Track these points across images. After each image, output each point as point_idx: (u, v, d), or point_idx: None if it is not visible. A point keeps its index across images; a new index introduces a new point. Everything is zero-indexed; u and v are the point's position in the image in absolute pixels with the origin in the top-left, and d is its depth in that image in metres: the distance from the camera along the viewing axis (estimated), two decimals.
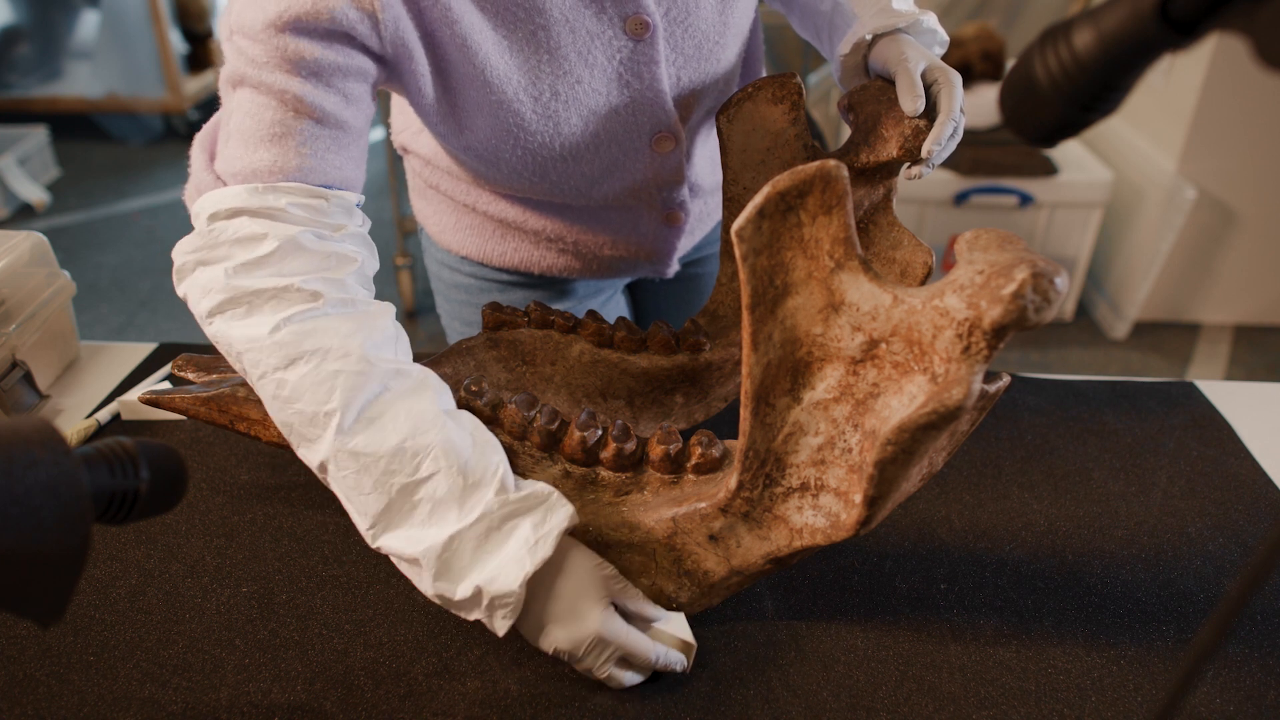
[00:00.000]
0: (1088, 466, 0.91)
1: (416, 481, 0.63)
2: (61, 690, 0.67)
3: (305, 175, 0.66)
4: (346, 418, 0.62)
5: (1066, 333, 2.68)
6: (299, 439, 0.65)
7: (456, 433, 0.65)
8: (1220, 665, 0.70)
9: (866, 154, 0.77)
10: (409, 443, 0.62)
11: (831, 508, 0.62)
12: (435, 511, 0.63)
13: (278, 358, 0.63)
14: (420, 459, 0.62)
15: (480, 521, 0.62)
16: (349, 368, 0.63)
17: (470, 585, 0.62)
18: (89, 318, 2.74)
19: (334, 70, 0.65)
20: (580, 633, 0.63)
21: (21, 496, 0.38)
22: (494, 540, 0.63)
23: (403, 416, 0.63)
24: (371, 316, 0.67)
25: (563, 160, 0.82)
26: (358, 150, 0.70)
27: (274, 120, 0.65)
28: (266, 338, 0.63)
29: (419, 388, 0.65)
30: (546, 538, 0.63)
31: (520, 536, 0.63)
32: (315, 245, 0.66)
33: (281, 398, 0.64)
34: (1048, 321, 0.77)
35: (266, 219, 0.65)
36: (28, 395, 0.96)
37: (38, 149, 3.53)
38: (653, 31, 0.75)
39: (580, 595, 0.64)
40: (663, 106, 0.81)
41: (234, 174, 0.66)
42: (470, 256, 1.01)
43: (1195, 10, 0.38)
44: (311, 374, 0.62)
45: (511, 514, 0.63)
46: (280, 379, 0.63)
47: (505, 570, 0.62)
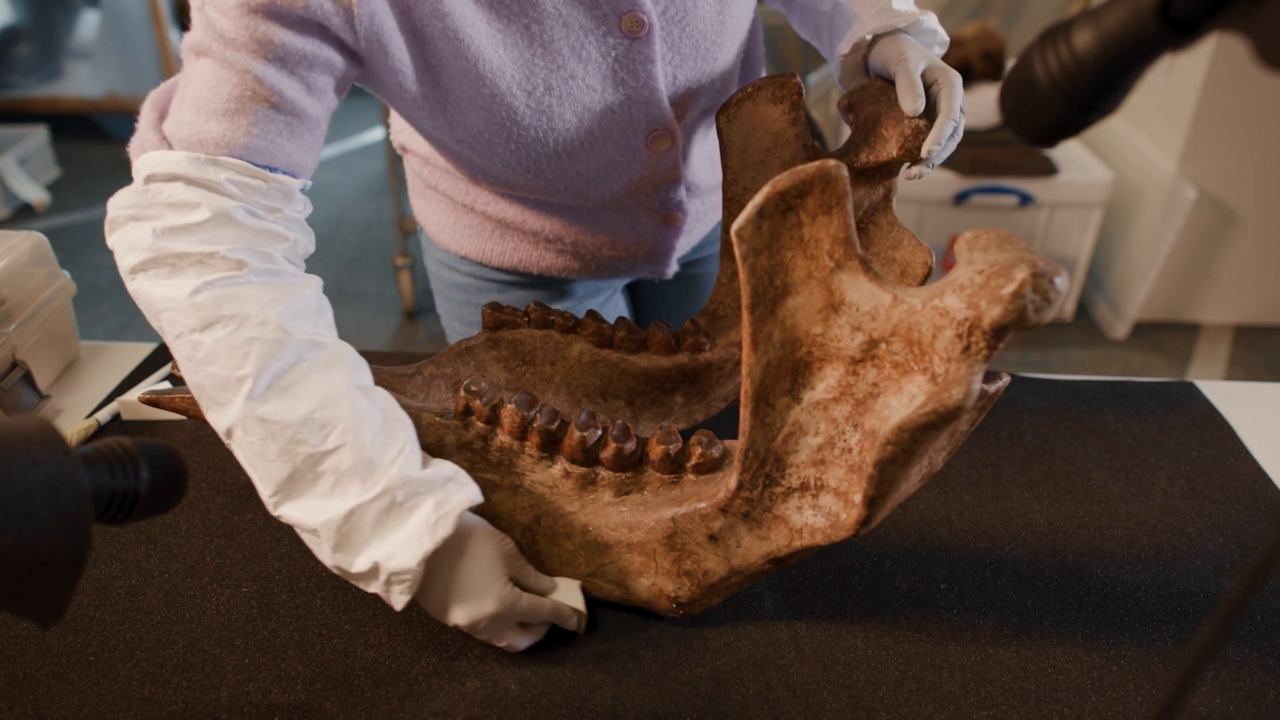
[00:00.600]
0: (1088, 466, 0.91)
1: (322, 453, 0.63)
2: (61, 690, 0.67)
3: (250, 155, 0.66)
4: (258, 384, 0.63)
5: (1066, 333, 2.68)
6: (209, 402, 0.65)
7: (367, 408, 0.65)
8: (1220, 665, 0.70)
9: (866, 154, 0.77)
10: (318, 414, 0.63)
11: (831, 508, 0.62)
12: (338, 484, 0.63)
13: (195, 319, 0.63)
14: (328, 430, 0.63)
15: (382, 497, 0.63)
16: (265, 335, 0.63)
17: (368, 559, 0.63)
18: (89, 318, 2.74)
19: (300, 58, 0.66)
20: (480, 610, 0.66)
21: (21, 496, 0.38)
22: (395, 516, 0.63)
23: (315, 387, 0.64)
24: (294, 288, 0.67)
25: (557, 157, 0.81)
26: (311, 139, 0.71)
27: (230, 95, 0.65)
28: (186, 299, 0.63)
29: (334, 361, 0.66)
30: (447, 517, 0.63)
31: (421, 514, 0.63)
32: (247, 220, 0.66)
33: (195, 359, 0.64)
34: (1048, 321, 0.77)
35: (203, 189, 0.65)
36: (28, 395, 0.96)
37: (38, 149, 3.53)
38: (649, 30, 0.75)
39: (481, 576, 0.66)
40: (658, 105, 0.81)
41: (180, 139, 0.66)
42: (470, 256, 1.01)
43: (1195, 10, 0.38)
44: (227, 339, 0.63)
45: (414, 492, 0.64)
46: (196, 340, 0.64)
47: (404, 547, 0.63)
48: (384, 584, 0.64)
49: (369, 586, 0.65)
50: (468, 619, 0.66)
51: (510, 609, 0.66)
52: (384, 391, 0.69)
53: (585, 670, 0.69)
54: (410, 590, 0.64)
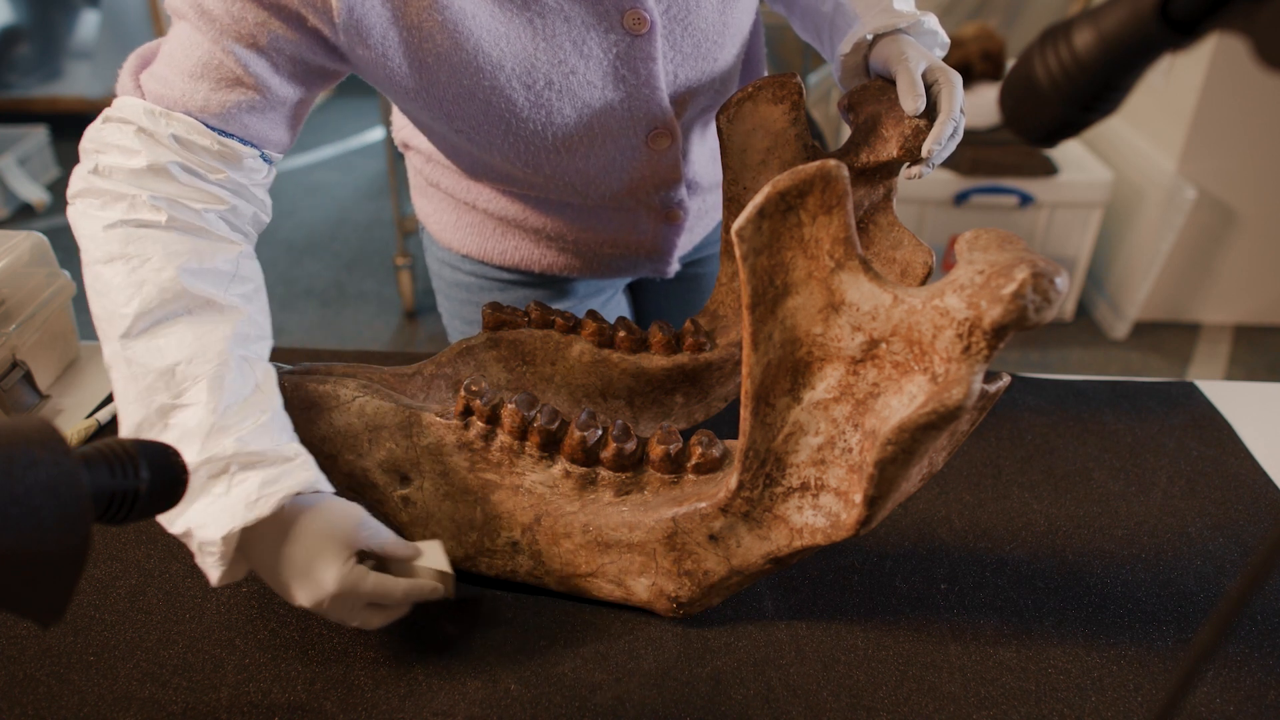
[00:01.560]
0: (1088, 466, 0.91)
1: (174, 406, 0.64)
2: (61, 690, 0.67)
3: (205, 118, 0.69)
4: (136, 325, 0.65)
5: (1066, 333, 2.68)
6: (101, 336, 0.67)
7: (237, 377, 0.65)
8: (1220, 665, 0.70)
9: (866, 154, 0.77)
10: (181, 367, 0.64)
11: (831, 507, 0.62)
12: (181, 441, 0.63)
13: (103, 251, 0.66)
14: (185, 386, 0.64)
15: (213, 462, 0.62)
16: (159, 281, 0.65)
17: (185, 523, 0.62)
18: (89, 318, 2.73)
19: (272, 42, 0.68)
20: (319, 592, 0.63)
21: (21, 496, 0.38)
22: (220, 485, 0.62)
23: (189, 342, 0.65)
24: (210, 247, 0.69)
25: (556, 152, 0.82)
26: (275, 116, 0.73)
27: (199, 61, 0.68)
28: (102, 231, 0.66)
29: (219, 323, 0.66)
30: (269, 498, 0.62)
31: (243, 489, 0.62)
32: (180, 176, 0.68)
33: (95, 290, 0.67)
34: (1048, 321, 0.77)
35: (149, 138, 0.68)
36: (28, 395, 0.96)
37: (38, 149, 3.53)
38: (651, 27, 0.75)
39: (314, 557, 0.63)
40: (659, 103, 0.81)
41: (149, 90, 0.69)
42: (471, 255, 1.01)
43: (1195, 10, 0.38)
44: (124, 275, 0.65)
45: (247, 464, 0.63)
46: (97, 272, 0.66)
47: (216, 519, 0.62)
48: (197, 552, 0.63)
49: (192, 550, 0.64)
50: (309, 600, 0.64)
51: (353, 589, 0.63)
52: (270, 369, 0.69)
53: (585, 670, 0.69)
54: (220, 563, 0.62)
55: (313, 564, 0.63)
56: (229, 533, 0.61)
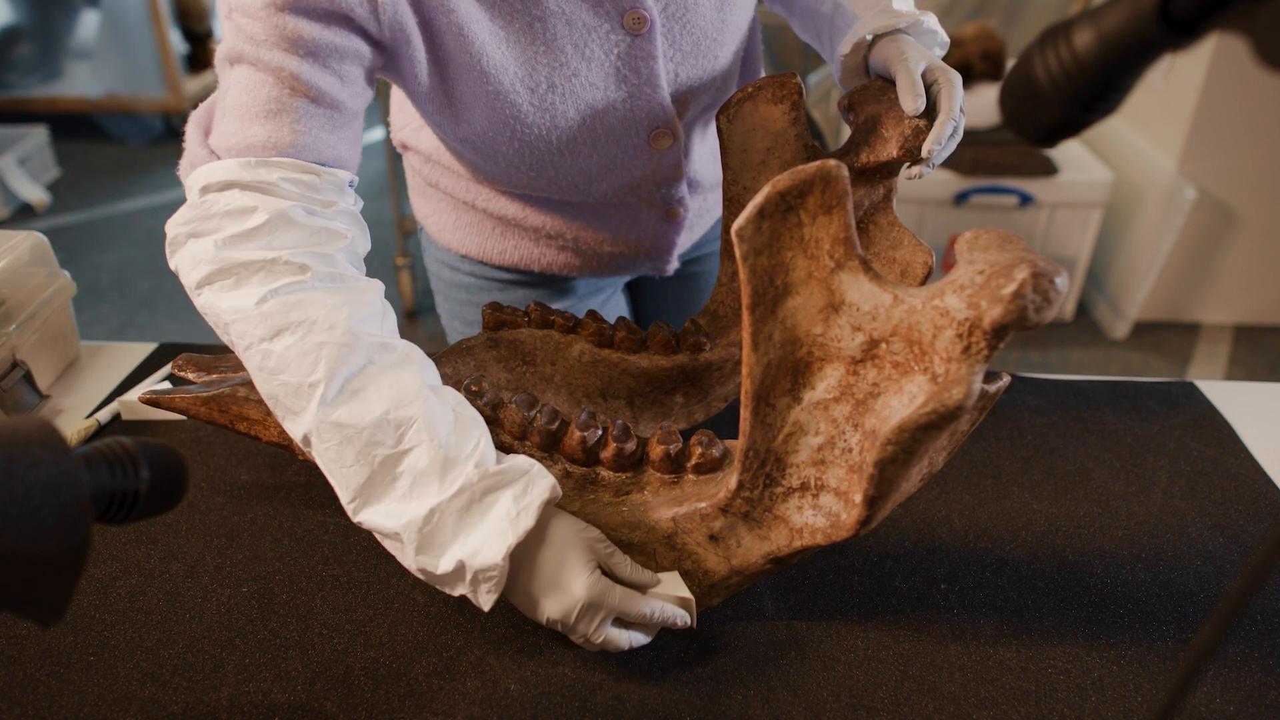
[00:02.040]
0: (1088, 466, 0.91)
1: (398, 454, 0.62)
2: (61, 690, 0.67)
3: (299, 152, 0.67)
4: (330, 389, 0.62)
5: (1066, 333, 2.68)
6: (284, 411, 0.65)
7: (439, 407, 0.64)
8: (1220, 665, 0.70)
9: (866, 154, 0.77)
10: (392, 415, 0.62)
11: (831, 507, 0.62)
12: (416, 485, 0.62)
13: (264, 329, 0.63)
14: (403, 431, 0.62)
15: (461, 494, 0.62)
16: (334, 339, 0.63)
17: (452, 559, 0.62)
18: (89, 318, 2.74)
19: (330, 51, 0.66)
20: (569, 601, 0.63)
21: (21, 496, 0.38)
22: (475, 513, 0.62)
23: (386, 389, 0.63)
24: (359, 292, 0.67)
25: (560, 154, 0.82)
26: (351, 131, 0.71)
27: (270, 97, 0.65)
28: (253, 308, 0.63)
29: (403, 362, 0.65)
30: (528, 509, 0.62)
31: (501, 509, 0.62)
32: (305, 220, 0.66)
33: (267, 369, 0.64)
34: (1048, 321, 0.77)
35: (258, 192, 0.65)
36: (28, 395, 0.96)
37: (38, 149, 3.53)
38: (650, 27, 0.75)
39: (564, 564, 0.63)
40: (660, 102, 0.81)
41: (228, 148, 0.66)
42: (470, 255, 1.01)
43: (1195, 10, 0.38)
44: (297, 345, 0.63)
45: (492, 487, 0.63)
46: (266, 350, 0.63)
47: (488, 543, 0.61)
48: (470, 583, 0.62)
49: (455, 589, 0.64)
50: (560, 611, 0.63)
51: (601, 599, 0.63)
52: (452, 390, 0.68)
53: (585, 670, 0.69)
54: (498, 588, 0.62)
55: (563, 572, 0.63)
56: (506, 552, 0.61)
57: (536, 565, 0.64)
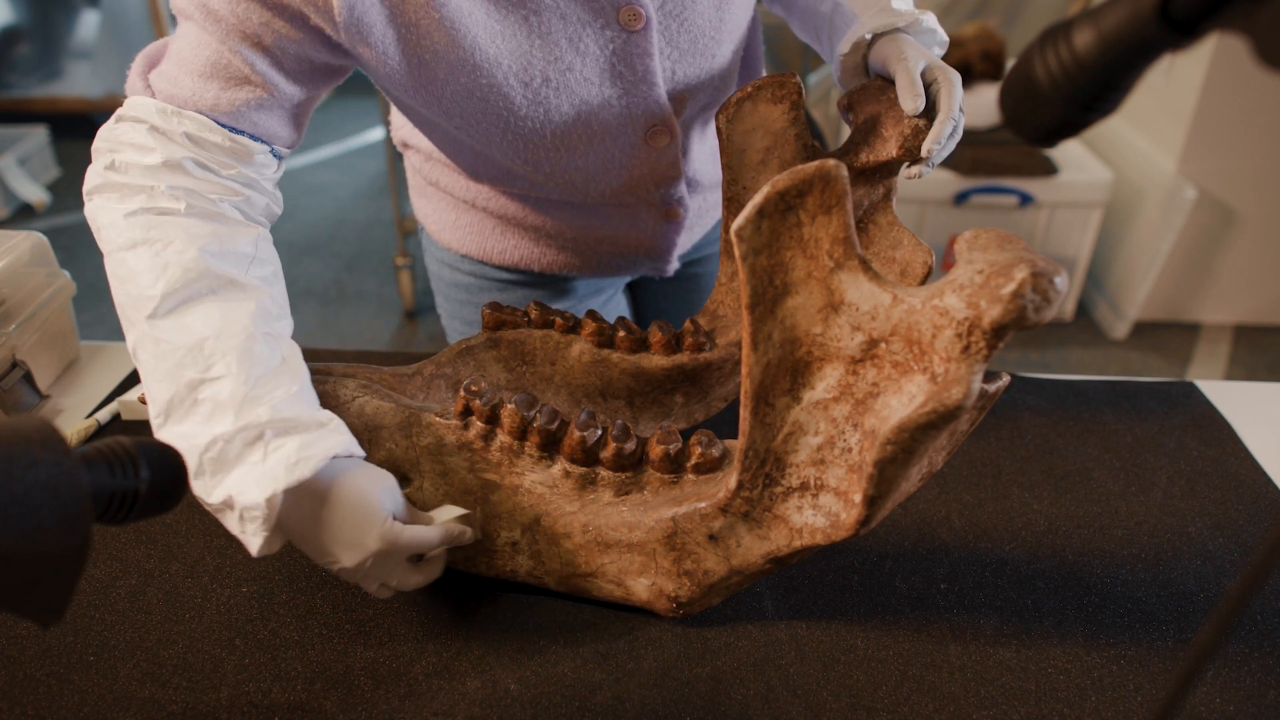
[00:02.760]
0: (1088, 466, 0.91)
1: (204, 380, 0.64)
2: (61, 690, 0.67)
3: (216, 115, 0.70)
4: (163, 305, 0.65)
5: (1066, 333, 2.68)
6: (126, 322, 0.68)
7: (264, 349, 0.66)
8: (1220, 665, 0.70)
9: (866, 154, 0.77)
10: (209, 343, 0.64)
11: (831, 507, 0.62)
12: (214, 413, 0.63)
13: (125, 238, 0.67)
14: (214, 360, 0.64)
15: (248, 430, 0.62)
16: (182, 262, 0.66)
17: (224, 491, 0.62)
18: (89, 318, 2.74)
19: (275, 40, 0.69)
20: (363, 552, 0.64)
21: (21, 496, 0.38)
22: (256, 452, 0.62)
23: (215, 318, 0.65)
24: (231, 231, 0.70)
25: (555, 150, 0.82)
26: (282, 114, 0.74)
27: (207, 60, 0.69)
28: (122, 220, 0.67)
29: (243, 300, 0.67)
30: (308, 460, 0.62)
31: (281, 454, 0.62)
32: (195, 171, 0.70)
33: (118, 276, 0.67)
34: (1047, 321, 0.77)
35: (162, 136, 0.69)
36: (28, 395, 0.96)
37: (38, 149, 3.53)
38: (647, 23, 0.75)
39: (357, 517, 0.64)
40: (656, 100, 0.81)
41: (159, 90, 0.71)
42: (470, 255, 1.01)
43: (1195, 10, 0.38)
44: (147, 259, 0.66)
45: (283, 430, 0.63)
46: (121, 258, 0.67)
47: (257, 483, 0.61)
48: (238, 520, 0.63)
49: (228, 523, 0.64)
50: (353, 561, 0.64)
51: (394, 545, 0.64)
52: (295, 346, 0.70)
53: (585, 670, 0.69)
54: (263, 529, 0.62)
55: (353, 525, 0.64)
56: (272, 495, 0.61)
57: (322, 520, 0.64)
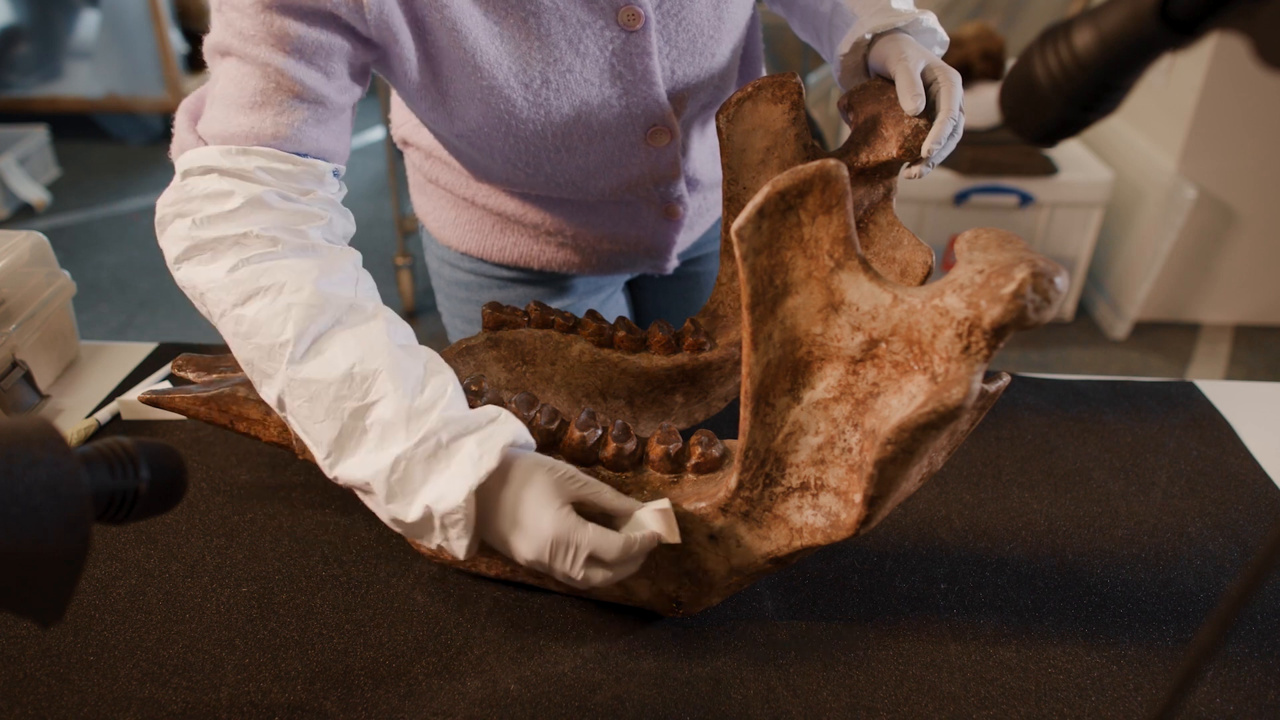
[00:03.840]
0: (1088, 466, 0.91)
1: (365, 406, 0.63)
2: (61, 690, 0.67)
3: (280, 143, 0.69)
4: (299, 348, 0.64)
5: (1066, 333, 2.68)
6: (259, 376, 0.66)
7: (406, 360, 0.66)
8: (1220, 665, 0.70)
9: (866, 153, 0.77)
10: (357, 369, 0.64)
11: (831, 507, 0.62)
12: (385, 436, 0.63)
13: (235, 295, 0.66)
14: (369, 384, 0.64)
15: (426, 441, 0.62)
16: (302, 300, 0.65)
17: (420, 506, 0.62)
18: (89, 318, 2.74)
19: (316, 48, 0.68)
20: (538, 539, 0.62)
21: (21, 496, 0.38)
22: (441, 460, 0.63)
23: (353, 345, 0.65)
24: (332, 259, 0.69)
25: (555, 150, 0.82)
26: (337, 125, 0.73)
27: (255, 90, 0.67)
28: (225, 277, 0.66)
29: (371, 320, 0.67)
30: (491, 451, 0.62)
31: (465, 453, 0.62)
32: (279, 204, 0.69)
33: (240, 334, 0.66)
34: (1048, 321, 0.77)
35: (235, 178, 0.68)
36: (28, 395, 0.96)
37: (38, 149, 3.53)
38: (645, 23, 0.75)
39: (530, 503, 0.63)
40: (656, 99, 0.81)
41: (213, 135, 0.69)
42: (470, 252, 1.01)
43: (1195, 10, 0.38)
44: (267, 308, 0.65)
45: (457, 433, 0.63)
46: (239, 315, 0.66)
47: (452, 486, 0.62)
48: (440, 530, 0.63)
49: (430, 540, 0.64)
50: (533, 551, 0.63)
51: (569, 535, 0.62)
52: (428, 350, 0.69)
53: (585, 670, 0.69)
54: (466, 531, 0.62)
55: (529, 511, 0.63)
56: (468, 495, 0.61)
57: (501, 506, 0.64)
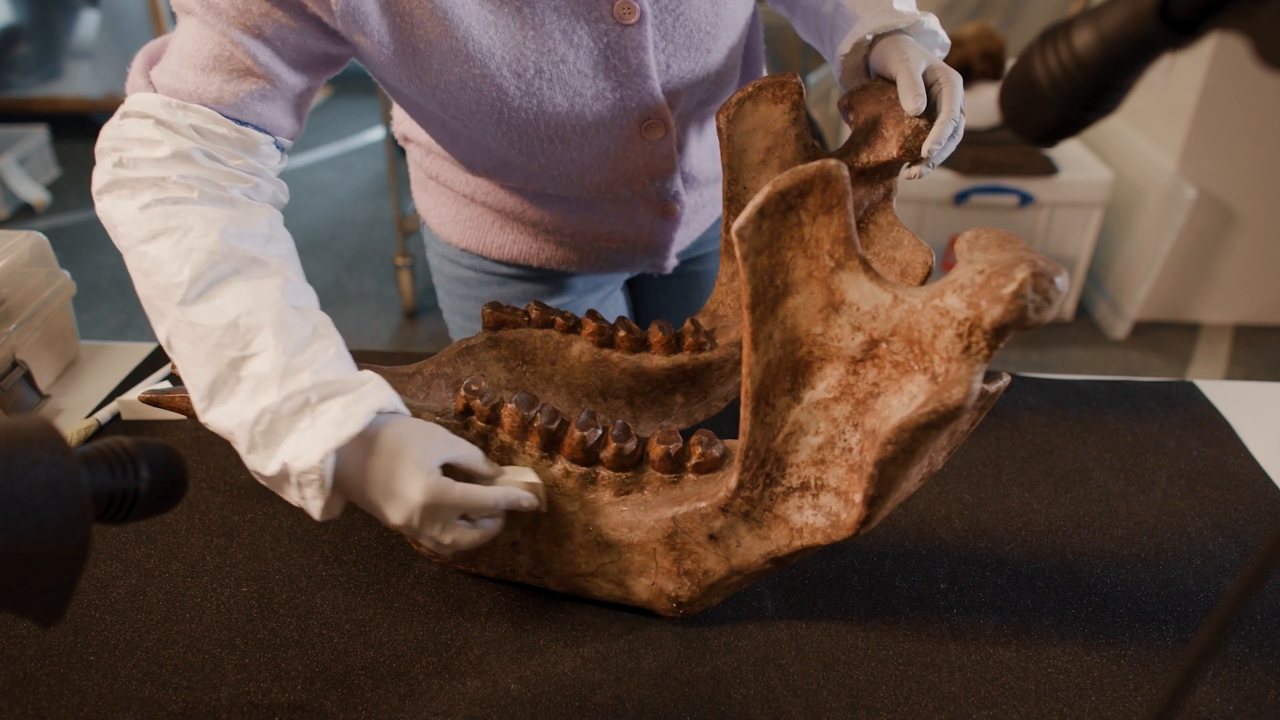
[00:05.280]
0: (1088, 466, 0.91)
1: (243, 357, 0.64)
2: (61, 690, 0.67)
3: (221, 108, 0.71)
4: (192, 290, 0.66)
5: (1066, 333, 2.68)
6: (155, 314, 0.68)
7: (295, 319, 0.67)
8: (1220, 665, 0.70)
9: (867, 154, 0.77)
10: (243, 320, 0.65)
11: (832, 507, 0.62)
12: (257, 388, 0.64)
13: (144, 231, 0.67)
14: (251, 336, 0.65)
15: (293, 399, 0.63)
16: (204, 246, 0.66)
17: (279, 461, 0.63)
18: (89, 318, 2.74)
19: (275, 31, 0.70)
20: (408, 506, 0.63)
21: (21, 496, 0.38)
22: (305, 418, 0.63)
23: (245, 295, 0.66)
24: (245, 212, 0.71)
25: (549, 141, 0.82)
26: (284, 104, 0.74)
27: (209, 54, 0.70)
28: (138, 212, 0.68)
29: (269, 276, 0.68)
30: (354, 417, 0.63)
31: (330, 415, 0.63)
32: (204, 161, 0.70)
33: (142, 270, 0.68)
34: (1048, 321, 0.77)
35: (169, 130, 0.70)
36: (28, 395, 0.96)
37: (38, 149, 3.53)
38: (641, 17, 0.75)
39: (397, 471, 0.64)
40: (650, 93, 0.81)
41: (162, 86, 0.71)
42: (470, 249, 1.01)
43: (1195, 10, 0.38)
44: (170, 248, 0.66)
45: (327, 395, 0.64)
46: (143, 251, 0.67)
47: (310, 446, 0.62)
48: (297, 488, 0.64)
49: (286, 493, 0.65)
50: (400, 516, 0.64)
51: (440, 499, 0.63)
52: (323, 315, 0.70)
53: (585, 670, 0.69)
54: (321, 492, 0.63)
55: (397, 478, 0.64)
56: (324, 456, 0.62)
57: (370, 473, 0.64)
